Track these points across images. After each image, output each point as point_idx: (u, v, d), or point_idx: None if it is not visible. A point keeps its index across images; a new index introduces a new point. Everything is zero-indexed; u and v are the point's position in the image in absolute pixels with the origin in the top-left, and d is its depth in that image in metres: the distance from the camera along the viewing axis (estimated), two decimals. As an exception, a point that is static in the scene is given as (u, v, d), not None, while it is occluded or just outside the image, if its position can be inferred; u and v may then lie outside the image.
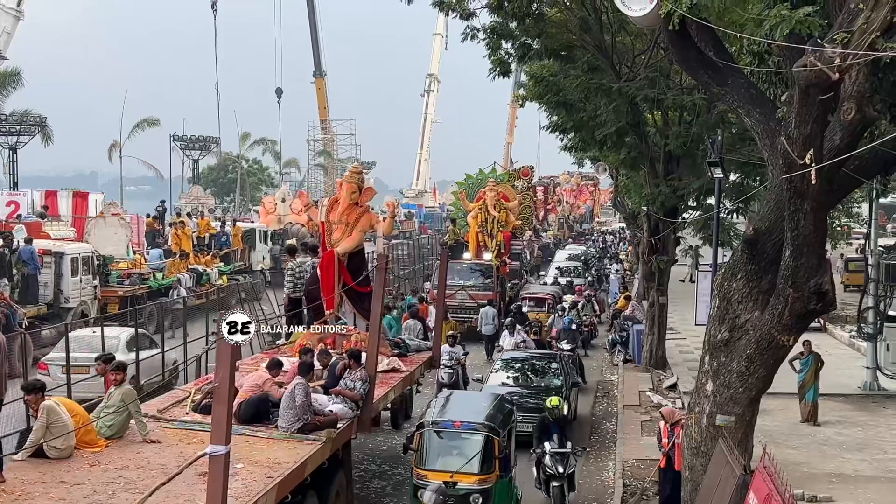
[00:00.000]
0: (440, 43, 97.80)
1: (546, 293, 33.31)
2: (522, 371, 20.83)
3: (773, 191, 11.67)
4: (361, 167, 20.52)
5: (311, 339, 16.89)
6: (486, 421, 13.80)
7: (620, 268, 47.35)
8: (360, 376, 13.88)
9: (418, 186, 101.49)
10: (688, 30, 11.27)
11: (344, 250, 17.60)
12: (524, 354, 22.17)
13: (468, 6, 20.24)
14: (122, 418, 11.89)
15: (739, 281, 11.95)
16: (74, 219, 37.73)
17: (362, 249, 18.39)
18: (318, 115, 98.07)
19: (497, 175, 44.93)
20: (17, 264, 25.77)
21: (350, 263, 17.73)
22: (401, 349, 18.51)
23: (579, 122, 22.73)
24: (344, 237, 17.66)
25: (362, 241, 18.21)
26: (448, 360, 20.78)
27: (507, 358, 21.54)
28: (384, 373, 16.44)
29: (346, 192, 17.90)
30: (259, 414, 12.92)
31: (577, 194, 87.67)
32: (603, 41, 20.58)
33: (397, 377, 16.81)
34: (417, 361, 18.48)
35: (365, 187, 18.31)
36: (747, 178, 23.51)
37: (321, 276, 17.83)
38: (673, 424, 14.23)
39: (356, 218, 17.76)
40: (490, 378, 20.48)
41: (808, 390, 19.36)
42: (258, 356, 17.82)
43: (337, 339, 17.12)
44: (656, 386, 23.68)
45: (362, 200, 18.04)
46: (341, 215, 17.77)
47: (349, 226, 17.70)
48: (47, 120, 46.69)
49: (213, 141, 72.26)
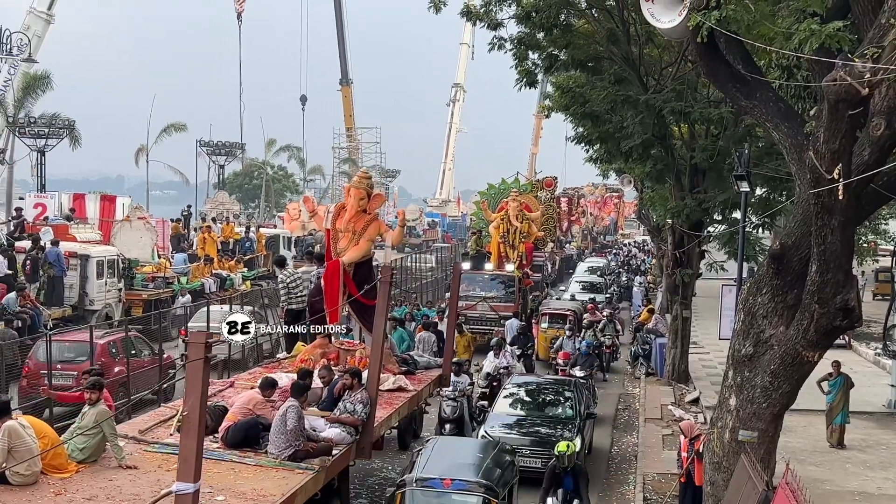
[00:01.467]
0: (467, 52, 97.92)
1: (567, 309, 30.88)
2: (533, 398, 19.02)
3: (801, 205, 11.61)
4: (370, 173, 19.83)
5: (314, 354, 16.13)
6: (482, 478, 11.77)
7: (644, 280, 47.14)
8: (361, 398, 13.02)
9: (442, 196, 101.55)
10: (716, 42, 11.24)
11: (350, 260, 16.64)
12: (535, 380, 20.55)
13: (495, 16, 20.33)
14: (95, 441, 10.92)
15: (765, 296, 11.88)
16: (101, 222, 37.95)
17: (370, 260, 17.52)
18: (344, 123, 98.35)
19: (520, 185, 44.22)
20: (44, 266, 25.97)
21: (356, 274, 16.80)
22: (409, 366, 17.65)
23: (605, 134, 22.69)
24: (350, 246, 16.73)
25: (370, 250, 17.31)
26: (452, 392, 18.86)
27: (518, 383, 19.69)
28: (389, 392, 15.64)
29: (353, 198, 16.93)
30: (248, 439, 11.97)
31: (601, 206, 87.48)
32: (630, 53, 20.56)
33: (403, 397, 15.82)
34: (426, 380, 17.54)
35: (374, 193, 17.35)
36: (774, 192, 23.38)
37: (325, 288, 16.68)
38: (693, 439, 14.13)
39: (364, 226, 16.82)
40: (497, 404, 18.71)
41: (836, 415, 18.58)
42: (257, 371, 17.03)
43: (341, 355, 16.40)
44: (678, 400, 23.55)
45: (371, 207, 17.10)
46: (348, 223, 16.86)
47: (356, 234, 16.78)
48: (76, 123, 46.97)
49: (239, 147, 72.59)
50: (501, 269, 33.93)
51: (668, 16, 10.88)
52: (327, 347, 16.54)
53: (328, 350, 16.43)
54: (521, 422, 17.69)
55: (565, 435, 16.33)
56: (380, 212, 19.06)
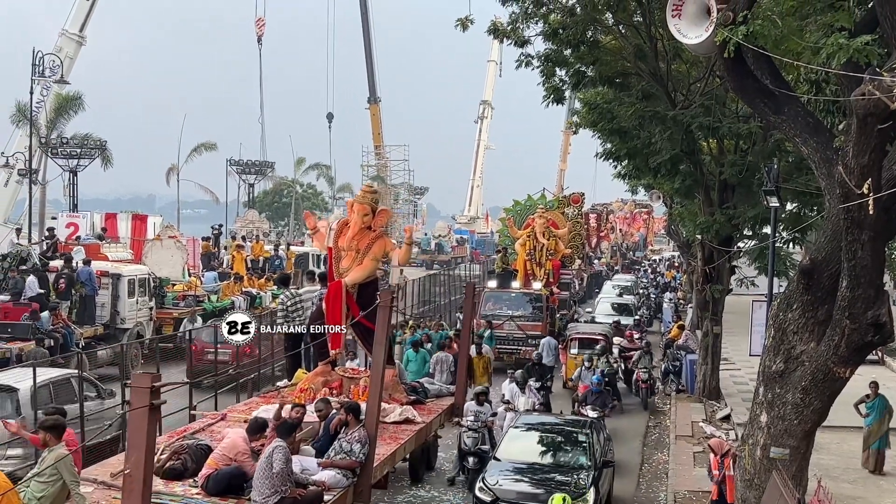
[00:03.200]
0: (494, 69, 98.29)
1: (598, 333, 28.46)
2: (541, 443, 16.48)
3: (830, 220, 11.53)
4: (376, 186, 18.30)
5: (315, 383, 15.22)
6: None
7: (674, 296, 46.88)
8: (358, 437, 11.99)
9: (471, 212, 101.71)
10: (744, 57, 11.21)
11: (353, 280, 15.56)
12: (545, 420, 17.92)
13: (523, 33, 20.37)
14: (54, 488, 9.93)
15: (795, 311, 11.78)
16: (133, 241, 38.32)
17: (375, 280, 16.38)
18: (372, 141, 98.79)
19: (546, 201, 43.35)
20: (76, 285, 26.22)
21: (360, 296, 15.65)
22: (418, 395, 16.64)
23: (633, 150, 22.66)
24: (354, 265, 15.68)
25: (375, 270, 16.21)
26: (474, 422, 17.50)
27: (524, 424, 17.23)
28: (395, 424, 14.59)
29: (357, 214, 15.85)
30: (231, 488, 11.09)
31: (630, 222, 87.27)
32: (658, 69, 20.53)
33: (409, 431, 14.61)
34: (436, 410, 16.49)
35: (379, 209, 16.30)
36: (804, 207, 23.24)
37: (326, 310, 15.58)
38: (723, 456, 14.04)
39: (368, 244, 15.75)
40: (502, 446, 16.28)
41: (875, 440, 17.69)
42: (253, 401, 16.20)
43: (344, 384, 15.43)
44: (709, 417, 23.39)
45: (376, 224, 16.01)
46: (351, 240, 15.80)
47: (360, 253, 15.71)
48: (107, 143, 47.47)
49: (269, 166, 73.04)
50: (528, 287, 33.28)
51: (695, 31, 10.86)
52: (330, 375, 15.67)
53: (331, 378, 15.54)
54: (525, 471, 15.41)
55: (579, 482, 14.79)
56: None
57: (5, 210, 50.43)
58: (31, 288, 25.19)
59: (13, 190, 50.06)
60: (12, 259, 26.81)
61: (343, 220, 16.62)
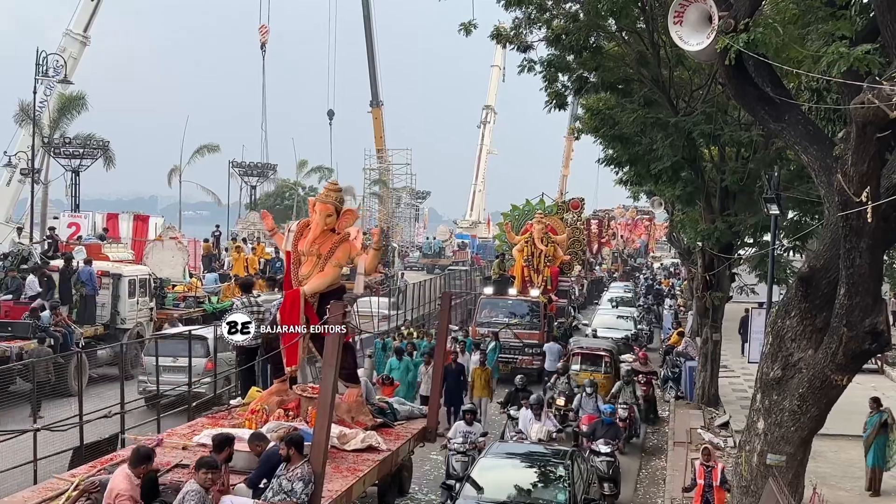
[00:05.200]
0: (497, 74, 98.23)
1: (602, 349, 26.13)
2: (515, 477, 14.28)
3: (829, 228, 11.56)
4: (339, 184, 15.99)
5: (269, 403, 13.62)
6: None
7: (674, 303, 46.83)
8: (301, 474, 10.19)
9: (472, 217, 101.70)
10: (745, 65, 11.25)
11: (313, 289, 13.78)
12: (520, 449, 15.75)
13: (525, 39, 20.42)
14: None
15: (793, 319, 11.81)
16: (134, 241, 38.38)
17: (340, 289, 14.52)
18: (374, 145, 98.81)
19: (545, 207, 41.87)
20: (76, 285, 26.26)
21: (321, 307, 13.70)
22: (386, 417, 14.81)
23: (635, 156, 22.70)
24: (314, 272, 13.92)
25: (338, 277, 14.35)
26: (461, 444, 15.99)
27: (496, 453, 15.09)
28: (356, 453, 12.85)
29: (319, 214, 14.11)
30: None
31: (632, 228, 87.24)
32: (660, 75, 20.58)
33: (371, 461, 12.79)
34: (405, 434, 14.65)
35: (344, 209, 14.47)
36: (805, 215, 23.27)
37: (281, 321, 13.66)
38: (710, 466, 13.96)
39: (331, 248, 14.00)
40: (465, 485, 13.95)
41: (868, 453, 16.94)
42: (199, 422, 14.34)
43: (302, 404, 13.75)
44: (708, 424, 23.40)
45: (340, 226, 14.24)
46: (312, 244, 14.06)
47: (322, 258, 13.95)
48: (110, 144, 47.52)
49: (271, 168, 73.09)
50: (526, 294, 32.49)
51: (697, 38, 10.89)
52: (286, 394, 13.99)
53: (287, 398, 13.85)
54: None
55: None
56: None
57: (7, 209, 50.48)
58: (31, 287, 25.24)
59: (15, 189, 50.12)
60: (13, 258, 26.85)
61: (304, 221, 14.80)
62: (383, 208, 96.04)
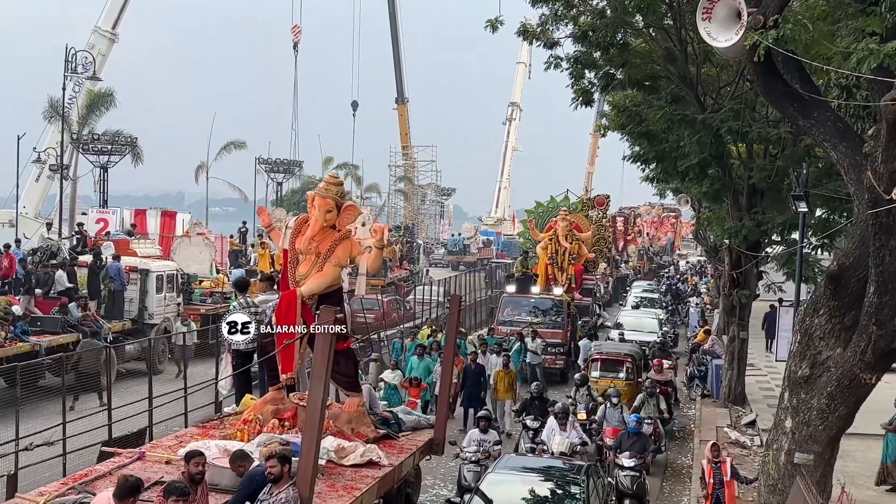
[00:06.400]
0: (523, 71, 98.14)
1: (624, 354, 24.29)
2: (527, 488, 13.39)
3: (859, 226, 11.49)
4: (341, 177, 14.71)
5: (264, 412, 12.55)
6: None
7: (700, 301, 46.57)
8: (285, 498, 9.23)
9: (497, 214, 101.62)
10: (773, 62, 11.19)
11: (311, 290, 12.58)
12: (530, 464, 14.65)
13: (552, 35, 20.37)
14: None
15: (822, 317, 11.76)
16: (161, 237, 38.63)
17: (339, 290, 13.30)
18: (400, 141, 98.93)
19: (570, 203, 41.09)
20: (105, 280, 26.48)
21: (320, 309, 12.02)
22: (389, 428, 13.57)
23: (662, 153, 22.59)
24: (313, 272, 12.71)
25: (338, 278, 13.10)
26: (475, 453, 15.08)
27: (506, 469, 13.88)
28: (355, 469, 11.64)
29: (318, 209, 12.75)
30: None
31: (658, 226, 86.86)
32: (688, 72, 20.48)
33: (372, 477, 11.49)
34: (409, 448, 13.27)
35: (345, 205, 13.07)
36: (833, 213, 23.09)
37: (277, 325, 12.55)
38: (718, 462, 13.88)
39: (330, 247, 12.72)
40: (482, 486, 13.26)
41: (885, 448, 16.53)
42: (188, 432, 13.26)
43: (299, 413, 12.43)
44: (735, 422, 23.30)
45: (341, 223, 12.90)
46: (310, 242, 12.77)
47: (321, 257, 12.71)
48: (138, 140, 47.84)
49: (297, 165, 73.33)
50: (549, 293, 31.98)
51: (725, 35, 10.86)
52: (282, 403, 12.77)
53: (283, 407, 12.68)
54: None
55: None
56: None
57: (36, 205, 51.04)
58: (60, 282, 25.46)
59: (44, 185, 50.68)
60: (42, 253, 27.09)
61: (302, 216, 13.47)
62: (408, 205, 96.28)
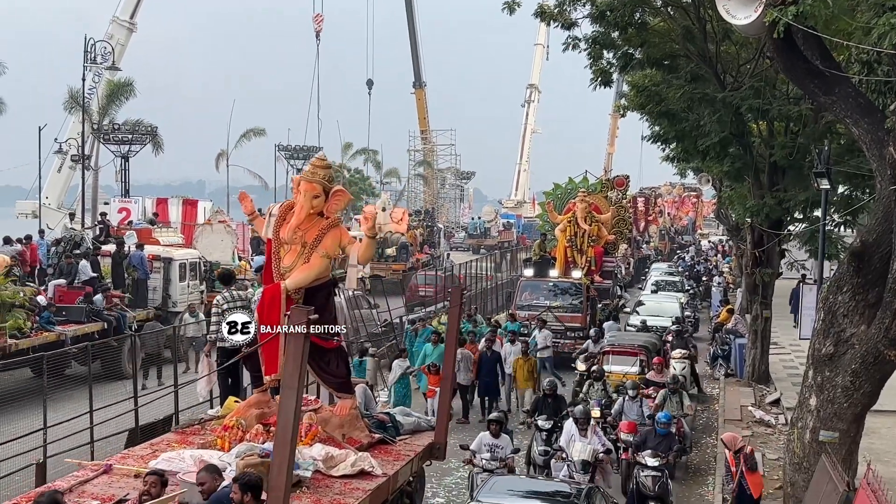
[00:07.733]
0: (541, 53, 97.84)
1: (637, 346, 22.65)
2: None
3: (881, 202, 11.44)
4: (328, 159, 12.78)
5: (247, 416, 11.52)
6: None
7: (722, 280, 46.39)
8: None
9: (517, 197, 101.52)
10: (793, 38, 11.12)
11: (296, 283, 11.44)
12: (528, 486, 12.86)
13: (570, 16, 20.29)
14: None
15: (845, 294, 11.72)
16: (183, 226, 38.82)
17: (327, 283, 12.02)
18: (418, 126, 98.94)
19: (588, 185, 39.91)
20: (128, 269, 26.66)
21: (307, 304, 10.57)
22: (386, 432, 12.34)
23: (682, 133, 22.49)
24: (298, 264, 11.58)
25: (327, 269, 11.81)
26: (488, 459, 13.92)
27: (498, 490, 11.89)
28: (344, 479, 10.46)
29: (304, 195, 11.54)
30: None
31: (679, 205, 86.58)
32: (707, 50, 20.37)
33: (362, 490, 10.23)
34: (408, 453, 11.97)
35: (334, 189, 11.85)
36: (856, 190, 22.94)
37: (259, 321, 11.00)
38: (737, 452, 13.74)
39: (318, 236, 11.57)
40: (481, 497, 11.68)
41: None
42: (165, 439, 12.05)
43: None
44: (759, 401, 23.25)
45: (329, 209, 11.73)
46: (295, 230, 11.58)
47: (307, 247, 11.57)
48: (158, 129, 48.01)
49: (317, 151, 73.42)
50: (568, 276, 31.32)
51: (744, 12, 10.82)
52: (267, 407, 11.80)
53: (268, 411, 11.69)
54: None
55: None
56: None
57: (59, 195, 51.41)
58: (84, 272, 25.64)
59: (66, 175, 51.01)
60: (66, 243, 27.28)
61: (287, 202, 12.23)
62: (428, 189, 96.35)
